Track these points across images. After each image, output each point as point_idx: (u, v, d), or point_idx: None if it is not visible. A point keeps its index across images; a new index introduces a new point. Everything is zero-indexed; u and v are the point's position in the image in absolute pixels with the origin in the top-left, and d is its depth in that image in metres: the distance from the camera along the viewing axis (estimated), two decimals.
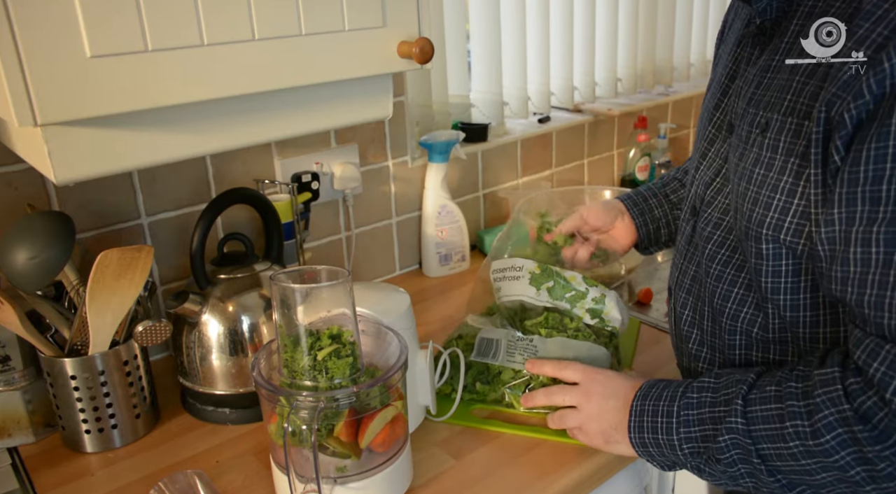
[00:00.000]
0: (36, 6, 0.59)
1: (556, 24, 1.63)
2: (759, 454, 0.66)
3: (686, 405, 0.73)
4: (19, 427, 0.93)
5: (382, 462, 0.76)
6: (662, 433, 0.74)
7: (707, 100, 0.84)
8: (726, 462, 0.69)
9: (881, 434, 0.57)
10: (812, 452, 0.61)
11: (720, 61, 0.83)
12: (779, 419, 0.64)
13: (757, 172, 0.67)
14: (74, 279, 0.91)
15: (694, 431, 0.72)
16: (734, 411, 0.67)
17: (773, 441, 0.65)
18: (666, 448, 0.75)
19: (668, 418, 0.74)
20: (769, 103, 0.67)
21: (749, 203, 0.68)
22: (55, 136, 0.64)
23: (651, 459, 0.78)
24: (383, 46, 0.80)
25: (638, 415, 0.77)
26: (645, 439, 0.76)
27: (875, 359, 0.57)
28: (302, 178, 1.22)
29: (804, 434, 0.62)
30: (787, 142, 0.64)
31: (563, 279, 1.04)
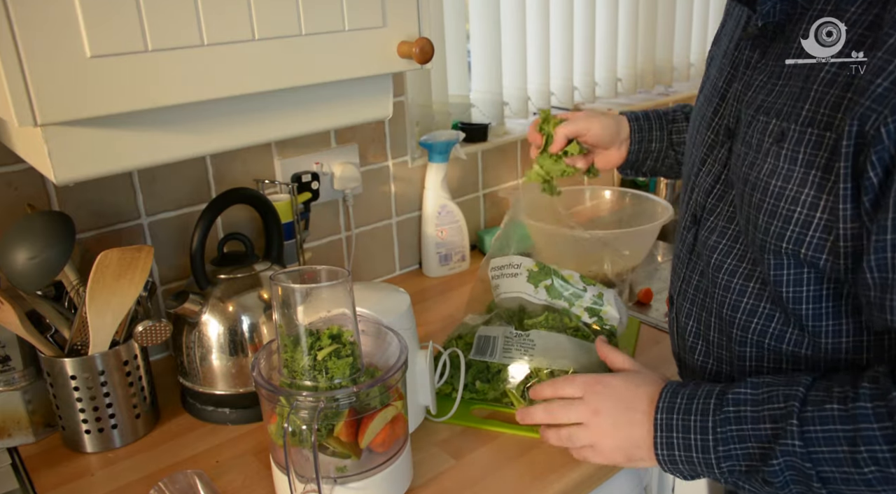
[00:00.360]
0: (36, 6, 0.59)
1: (556, 23, 1.63)
2: (820, 477, 0.62)
3: (724, 421, 0.68)
4: (19, 427, 0.93)
5: (382, 462, 0.76)
6: (697, 451, 0.69)
7: (702, 104, 0.82)
8: (779, 484, 0.65)
9: None
10: (890, 478, 0.58)
11: (714, 63, 0.82)
12: (848, 442, 0.60)
13: (774, 184, 0.65)
14: (74, 279, 0.91)
15: (735, 449, 0.67)
16: (789, 432, 0.63)
17: (838, 465, 0.61)
18: (701, 465, 0.70)
19: (704, 435, 0.69)
20: (783, 112, 0.65)
21: (766, 215, 0.66)
22: (55, 136, 0.64)
23: (681, 475, 0.73)
24: (383, 46, 0.80)
25: (666, 431, 0.71)
26: (676, 456, 0.71)
27: None
28: (302, 178, 1.22)
29: (884, 460, 0.58)
30: (808, 153, 0.62)
31: (561, 277, 1.04)
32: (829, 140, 0.60)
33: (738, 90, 0.73)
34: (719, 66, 0.78)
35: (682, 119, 1.04)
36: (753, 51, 0.71)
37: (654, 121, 1.04)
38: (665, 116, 1.04)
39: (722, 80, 0.76)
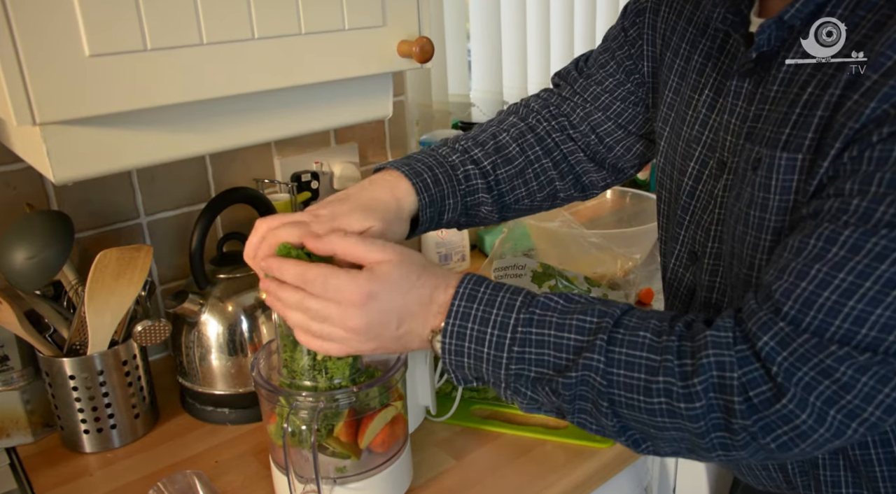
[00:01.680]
0: (35, 5, 0.58)
1: (556, 23, 1.63)
2: (609, 398, 0.58)
3: (527, 321, 0.61)
4: (18, 426, 0.92)
5: (382, 462, 0.76)
6: (490, 346, 0.61)
7: (676, 126, 0.78)
8: (567, 397, 0.60)
9: (754, 408, 0.54)
10: (676, 412, 0.56)
11: (682, 85, 0.77)
12: (648, 371, 0.57)
13: (752, 214, 0.63)
14: (73, 278, 0.90)
15: (530, 353, 0.61)
16: (596, 347, 0.59)
17: (629, 390, 0.58)
18: (488, 363, 0.62)
19: (503, 331, 0.61)
20: (765, 138, 0.63)
21: (749, 248, 0.65)
22: (54, 135, 0.64)
23: (454, 369, 0.64)
24: (383, 45, 0.79)
25: (461, 319, 0.62)
26: (464, 347, 0.62)
27: (766, 333, 0.54)
28: (301, 178, 1.22)
29: (675, 394, 0.56)
30: (781, 179, 0.61)
31: (565, 278, 1.04)
32: (802, 162, 0.59)
33: (734, 124, 0.69)
34: (694, 87, 0.75)
35: (475, 176, 0.82)
36: (745, 81, 0.68)
37: (445, 187, 0.79)
38: (455, 176, 0.81)
39: (714, 113, 0.72)
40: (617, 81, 0.87)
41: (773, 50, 0.65)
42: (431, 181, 0.78)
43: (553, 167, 0.88)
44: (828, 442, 0.54)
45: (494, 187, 0.84)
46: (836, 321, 0.52)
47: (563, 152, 0.89)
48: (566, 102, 0.90)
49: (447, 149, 0.83)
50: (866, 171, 0.53)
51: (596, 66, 0.89)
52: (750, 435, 0.55)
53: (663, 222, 0.84)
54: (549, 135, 0.89)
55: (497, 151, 0.85)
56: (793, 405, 0.53)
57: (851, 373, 0.52)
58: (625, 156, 0.90)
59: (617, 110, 0.87)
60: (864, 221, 0.52)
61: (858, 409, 0.52)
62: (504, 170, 0.84)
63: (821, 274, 0.53)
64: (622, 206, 1.55)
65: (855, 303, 0.52)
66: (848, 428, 0.53)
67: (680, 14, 0.79)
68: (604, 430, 0.61)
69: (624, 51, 0.86)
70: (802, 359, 0.53)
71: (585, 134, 0.89)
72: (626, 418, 0.59)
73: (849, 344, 0.52)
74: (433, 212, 0.79)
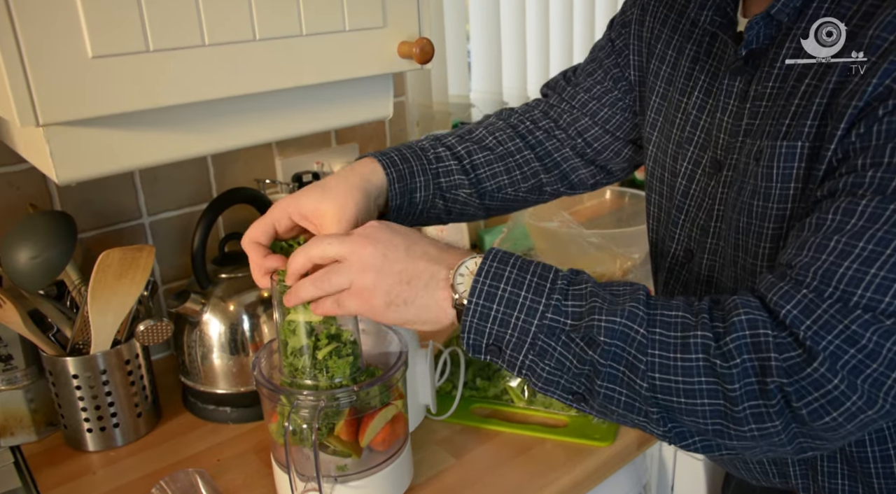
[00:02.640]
0: (38, 7, 0.59)
1: (555, 23, 1.64)
2: (647, 359, 0.55)
3: (564, 284, 0.58)
4: (22, 425, 0.93)
5: (383, 460, 0.77)
6: (529, 290, 0.58)
7: (665, 130, 0.79)
8: (602, 351, 0.55)
9: (786, 371, 0.52)
10: (713, 370, 0.54)
11: (670, 90, 0.78)
12: (685, 328, 0.55)
13: (756, 204, 0.64)
14: (76, 278, 0.91)
15: (568, 305, 0.57)
16: (638, 299, 0.57)
17: (666, 349, 0.55)
18: (521, 310, 0.57)
19: (542, 280, 0.58)
20: (764, 132, 0.64)
21: (754, 238, 0.66)
22: (57, 136, 0.64)
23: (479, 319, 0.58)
24: (384, 46, 0.80)
25: (499, 261, 0.59)
26: (497, 290, 0.58)
27: (789, 302, 0.53)
28: (303, 178, 1.22)
29: (713, 350, 0.54)
30: (782, 167, 0.62)
31: None
32: (802, 149, 0.60)
33: (727, 122, 0.70)
34: (681, 90, 0.76)
35: (447, 157, 0.82)
36: (736, 80, 0.69)
37: (413, 164, 0.79)
38: (425, 155, 0.81)
39: (705, 114, 0.73)
40: (604, 89, 0.88)
41: (763, 47, 0.66)
42: (398, 158, 0.78)
43: (537, 160, 0.87)
44: (861, 412, 0.52)
45: (471, 171, 0.83)
46: (859, 290, 0.51)
47: (546, 149, 0.89)
48: (553, 109, 0.91)
49: (419, 141, 0.84)
50: (877, 145, 0.54)
51: (584, 75, 0.90)
52: (784, 398, 0.52)
53: (653, 224, 0.84)
54: (531, 132, 0.89)
55: (472, 140, 0.84)
56: (824, 369, 0.51)
57: (877, 339, 0.50)
58: (614, 159, 0.91)
59: (604, 116, 0.88)
60: (881, 191, 0.53)
61: (884, 376, 0.51)
62: (480, 155, 0.84)
63: (840, 246, 0.53)
64: (621, 206, 1.56)
65: (877, 271, 0.51)
66: (878, 399, 0.52)
67: (664, 23, 0.81)
68: (633, 403, 0.56)
69: (611, 60, 0.88)
70: (827, 327, 0.52)
71: (572, 137, 0.89)
72: (657, 386, 0.55)
73: (874, 312, 0.51)
74: (402, 187, 0.77)
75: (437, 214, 0.83)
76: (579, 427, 0.91)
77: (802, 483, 0.73)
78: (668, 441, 0.59)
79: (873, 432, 0.66)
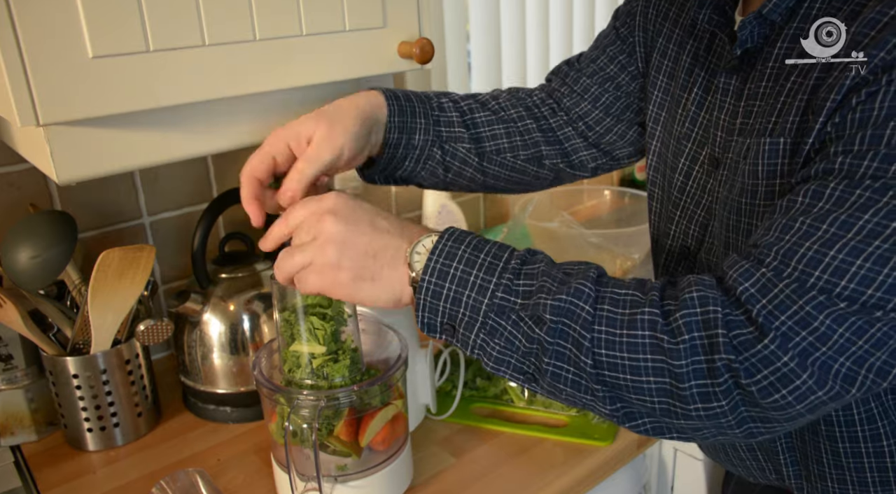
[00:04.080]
0: (39, 7, 0.59)
1: (555, 24, 1.64)
2: (592, 335, 0.55)
3: (518, 262, 0.59)
4: (22, 425, 0.93)
5: (383, 460, 0.77)
6: (480, 269, 0.58)
7: (667, 124, 0.79)
8: (549, 329, 0.55)
9: (735, 348, 0.52)
10: (659, 347, 0.53)
11: (671, 85, 0.79)
12: (633, 305, 0.55)
13: (743, 201, 0.65)
14: (76, 278, 0.91)
15: (519, 285, 0.57)
16: (588, 277, 0.56)
17: (613, 326, 0.54)
18: (472, 289, 0.58)
19: (495, 260, 0.59)
20: (754, 130, 0.65)
21: (743, 236, 0.66)
22: (57, 136, 0.65)
23: (431, 297, 0.59)
24: (384, 47, 0.80)
25: (453, 240, 0.60)
26: (450, 268, 0.58)
27: (747, 280, 0.53)
28: None
29: (660, 326, 0.53)
30: (766, 163, 0.62)
31: None
32: (784, 145, 0.61)
33: (724, 120, 0.70)
34: (682, 85, 0.76)
35: (449, 108, 0.82)
36: (732, 78, 0.69)
37: (417, 105, 0.78)
38: (428, 101, 0.80)
39: (704, 110, 0.74)
40: (607, 75, 0.87)
41: (758, 46, 0.66)
42: (402, 95, 0.78)
43: (538, 131, 0.87)
44: (811, 393, 0.52)
45: (472, 126, 0.83)
46: (817, 271, 0.51)
47: (550, 124, 0.88)
48: (556, 92, 0.91)
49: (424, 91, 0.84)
50: (850, 133, 0.54)
51: (587, 61, 0.90)
52: (732, 377, 0.52)
53: (654, 219, 0.84)
54: (537, 107, 0.89)
55: (476, 99, 0.85)
56: (774, 346, 0.51)
57: (829, 323, 0.50)
58: (617, 142, 0.90)
59: (606, 101, 0.88)
60: (850, 176, 0.53)
61: (832, 360, 0.51)
62: (482, 113, 0.84)
63: (804, 227, 0.53)
64: (621, 206, 1.56)
65: (836, 253, 0.51)
66: (827, 381, 0.51)
67: (666, 17, 0.81)
68: (580, 381, 0.56)
69: (616, 47, 0.87)
70: (781, 307, 0.51)
71: (574, 120, 0.89)
72: (603, 363, 0.55)
73: (829, 294, 0.51)
74: (401, 122, 0.76)
75: (433, 168, 0.82)
76: (579, 427, 0.91)
77: (796, 483, 0.73)
78: (616, 420, 0.58)
79: (868, 430, 0.66)
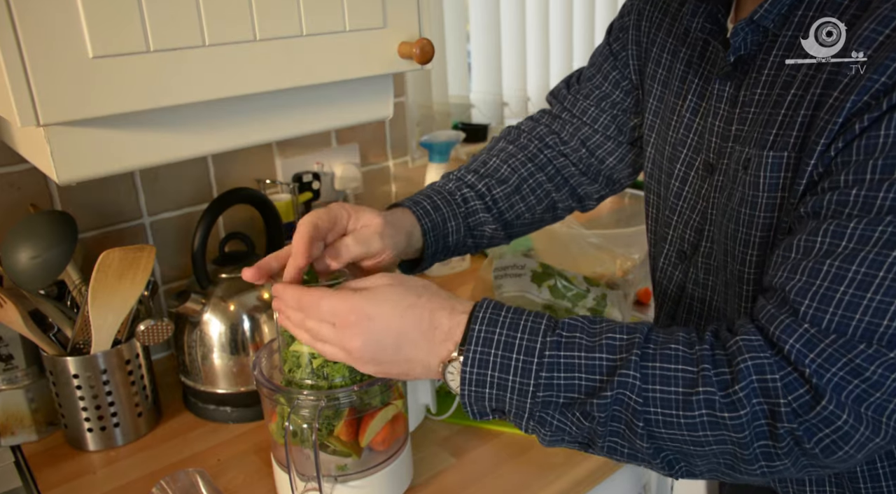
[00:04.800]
0: (39, 7, 0.59)
1: (555, 24, 1.64)
2: (645, 417, 0.55)
3: (554, 344, 0.58)
4: (22, 425, 0.93)
5: (383, 460, 0.77)
6: (516, 373, 0.58)
7: (662, 131, 0.80)
8: (600, 420, 0.57)
9: (796, 412, 0.52)
10: (719, 423, 0.54)
11: (665, 93, 0.79)
12: (686, 383, 0.55)
13: (743, 212, 0.65)
14: (77, 278, 0.91)
15: (559, 378, 0.57)
16: (631, 363, 0.56)
17: (668, 407, 0.55)
18: (513, 392, 0.58)
19: (529, 356, 0.58)
20: (752, 139, 0.64)
21: (741, 245, 0.66)
22: (57, 136, 0.65)
23: (473, 401, 0.60)
24: (384, 47, 0.80)
25: (483, 345, 0.58)
26: (486, 377, 0.58)
27: (791, 336, 0.53)
28: (303, 178, 1.23)
29: (718, 404, 0.54)
30: (768, 176, 0.62)
31: (564, 278, 1.04)
32: (788, 159, 0.61)
33: (718, 126, 0.71)
34: (677, 93, 0.77)
35: (472, 198, 0.85)
36: (726, 85, 0.70)
37: (445, 210, 0.82)
38: (453, 199, 0.84)
39: (687, 110, 0.75)
40: (603, 93, 0.89)
41: (751, 53, 0.66)
42: (431, 207, 0.82)
43: (548, 181, 0.90)
44: (869, 441, 0.53)
45: (493, 206, 0.86)
46: (857, 315, 0.51)
47: (555, 167, 0.91)
48: (556, 120, 0.93)
49: (442, 181, 0.88)
50: (857, 161, 0.54)
51: (584, 81, 0.92)
52: (794, 440, 0.53)
53: (652, 224, 0.85)
54: (541, 151, 0.91)
55: (489, 174, 0.88)
56: (832, 406, 0.51)
57: (882, 372, 0.51)
58: (617, 166, 0.92)
59: (604, 122, 0.90)
60: (867, 211, 0.53)
61: (886, 402, 0.51)
62: (499, 189, 0.87)
63: (833, 270, 0.53)
64: (621, 207, 1.56)
65: (873, 295, 0.51)
66: (881, 425, 0.52)
67: (660, 27, 0.82)
68: (636, 454, 0.58)
69: (609, 63, 0.89)
70: (831, 360, 0.52)
71: (576, 149, 0.91)
72: (661, 438, 0.56)
73: (873, 338, 0.51)
74: (437, 235, 0.81)
75: (466, 249, 0.88)
76: None
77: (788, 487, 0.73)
78: (674, 477, 0.60)
79: None
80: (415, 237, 0.79)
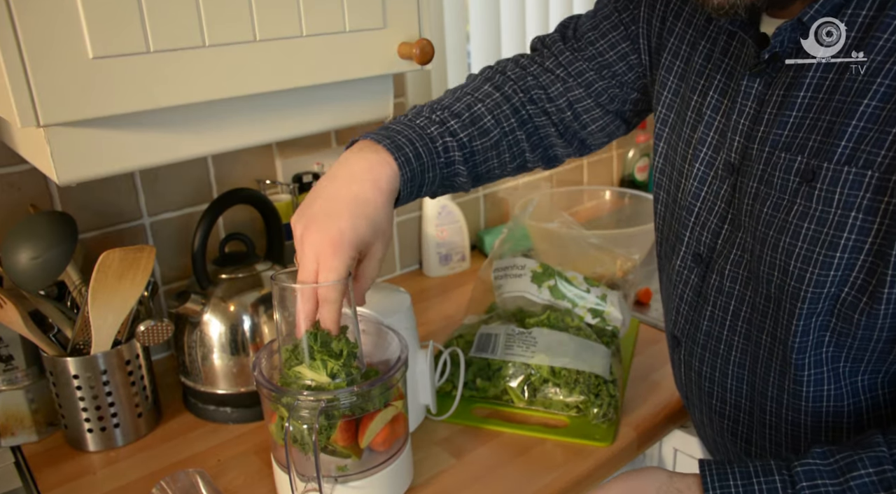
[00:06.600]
0: (39, 8, 0.59)
1: (555, 24, 1.64)
2: None
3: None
4: (22, 425, 0.93)
5: (383, 461, 0.77)
6: None
7: (676, 126, 0.78)
8: None
9: None
10: None
11: (682, 87, 0.77)
12: None
13: (807, 227, 0.61)
14: (77, 279, 0.91)
15: None
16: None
17: None
18: None
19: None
20: (809, 148, 0.61)
21: (798, 261, 0.63)
22: (58, 137, 0.65)
23: None
24: (384, 47, 0.80)
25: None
26: None
27: None
28: (303, 178, 1.22)
29: None
30: (845, 193, 0.59)
31: (564, 278, 1.04)
32: (871, 178, 0.57)
33: (744, 125, 0.68)
34: (700, 91, 0.74)
35: (452, 147, 0.80)
36: (754, 82, 0.67)
37: (425, 159, 0.77)
38: (434, 146, 0.79)
39: (708, 108, 0.72)
40: (606, 61, 0.84)
41: (785, 52, 0.64)
42: (413, 155, 0.75)
43: (526, 139, 0.86)
44: None
45: (469, 158, 0.82)
46: None
47: (535, 125, 0.87)
48: (546, 74, 0.87)
49: (425, 120, 0.80)
50: None
51: (585, 42, 0.86)
52: None
53: (660, 223, 0.83)
54: (524, 106, 0.86)
55: (473, 123, 0.82)
56: None
57: None
58: (596, 133, 0.88)
59: (598, 89, 0.85)
60: None
61: None
62: (479, 142, 0.82)
63: None
64: (621, 207, 1.56)
65: None
66: None
67: (678, 16, 0.78)
68: None
69: (619, 33, 0.84)
70: None
71: (562, 109, 0.86)
72: None
73: None
74: (413, 186, 0.76)
75: (431, 196, 0.83)
76: (579, 427, 0.91)
77: None
78: None
79: None
80: (390, 190, 0.74)
